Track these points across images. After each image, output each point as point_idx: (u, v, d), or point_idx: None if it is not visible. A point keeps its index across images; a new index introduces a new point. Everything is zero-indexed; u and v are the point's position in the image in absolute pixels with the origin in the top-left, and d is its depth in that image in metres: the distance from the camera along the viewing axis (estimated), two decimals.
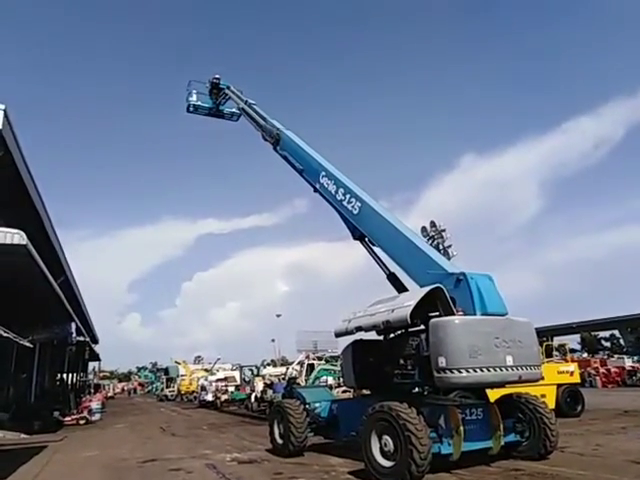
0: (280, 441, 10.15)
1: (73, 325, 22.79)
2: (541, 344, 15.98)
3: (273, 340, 48.51)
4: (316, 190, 11.97)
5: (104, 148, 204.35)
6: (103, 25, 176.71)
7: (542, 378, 8.55)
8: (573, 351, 43.04)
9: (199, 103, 16.44)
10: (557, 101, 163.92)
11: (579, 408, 15.15)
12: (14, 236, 10.23)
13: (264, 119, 14.27)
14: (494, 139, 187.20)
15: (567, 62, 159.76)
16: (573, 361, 19.19)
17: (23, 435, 16.09)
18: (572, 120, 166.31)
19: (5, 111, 9.72)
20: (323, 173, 11.70)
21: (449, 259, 16.65)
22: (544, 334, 20.58)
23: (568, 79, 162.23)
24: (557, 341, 21.99)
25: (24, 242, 10.24)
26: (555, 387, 14.75)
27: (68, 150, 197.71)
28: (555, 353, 18.88)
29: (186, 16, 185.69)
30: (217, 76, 16.23)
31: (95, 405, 23.63)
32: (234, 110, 16.43)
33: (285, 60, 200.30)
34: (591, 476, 6.94)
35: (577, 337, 62.95)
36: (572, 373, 15.68)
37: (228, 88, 16.12)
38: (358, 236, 11.32)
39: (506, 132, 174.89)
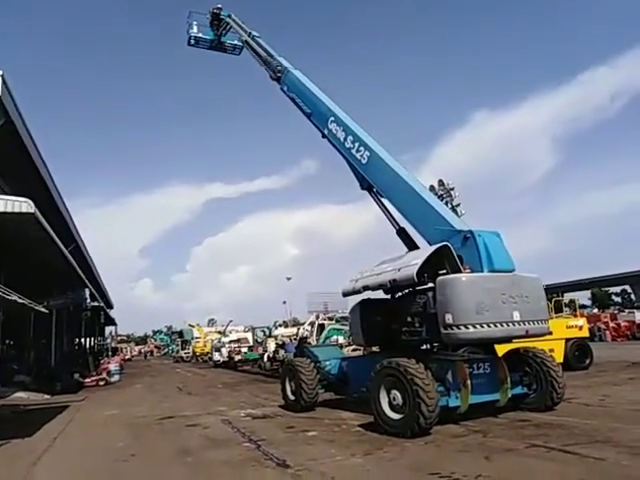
0: (292, 398, 10.43)
1: (87, 291, 23.36)
2: (551, 300, 16.02)
3: (284, 302, 49.30)
4: (324, 136, 11.52)
5: (104, 114, 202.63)
6: None
7: (550, 332, 8.59)
8: (584, 307, 43.10)
9: (200, 35, 15.63)
10: (572, 51, 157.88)
11: (587, 361, 15.34)
12: (22, 204, 10.32)
13: (270, 55, 13.32)
14: (508, 94, 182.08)
15: (582, 8, 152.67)
16: (582, 316, 19.25)
17: (46, 396, 16.74)
18: (588, 71, 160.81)
19: (3, 77, 9.51)
20: (332, 118, 11.17)
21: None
22: (555, 290, 20.53)
23: (584, 27, 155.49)
24: (568, 297, 22.00)
25: (32, 210, 10.33)
26: (564, 341, 14.89)
27: (67, 116, 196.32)
28: (565, 309, 18.91)
29: None
30: (219, 6, 15.27)
31: (113, 367, 24.41)
32: (237, 42, 15.54)
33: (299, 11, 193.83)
34: (596, 424, 7.07)
35: (588, 293, 63.08)
36: (581, 327, 15.79)
37: (229, 17, 15.11)
38: (366, 186, 10.96)
39: (520, 87, 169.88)
